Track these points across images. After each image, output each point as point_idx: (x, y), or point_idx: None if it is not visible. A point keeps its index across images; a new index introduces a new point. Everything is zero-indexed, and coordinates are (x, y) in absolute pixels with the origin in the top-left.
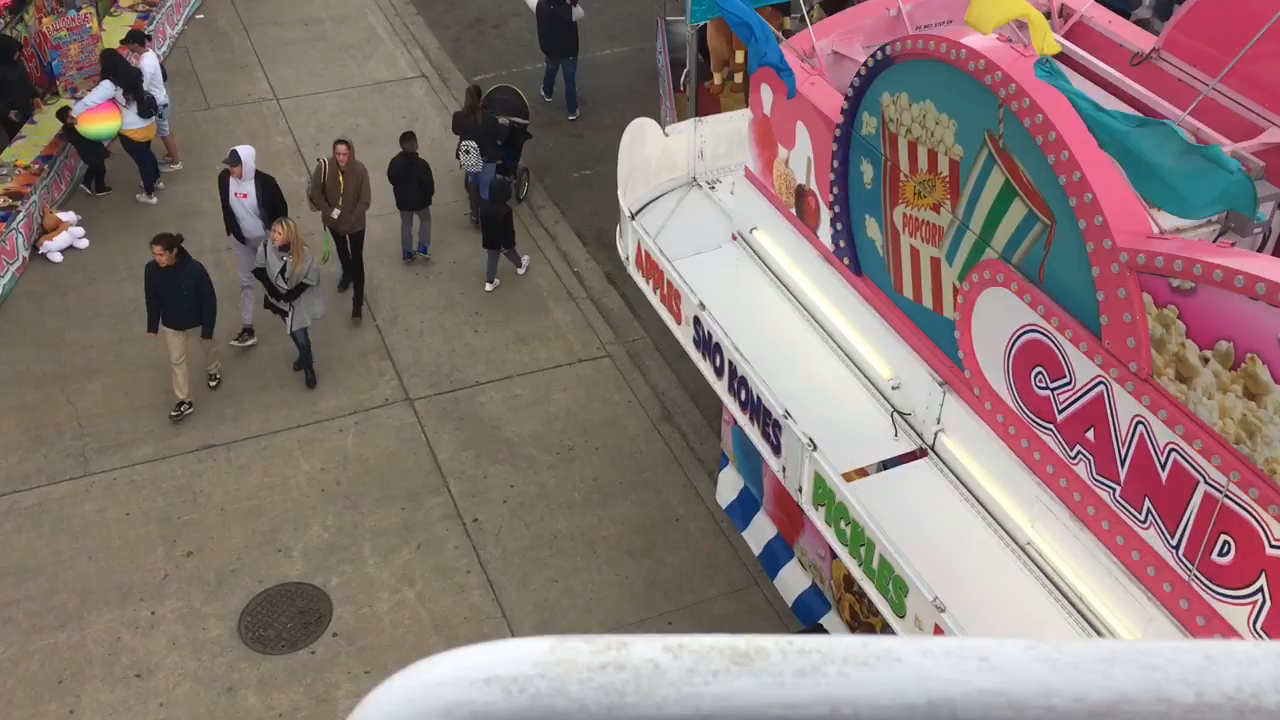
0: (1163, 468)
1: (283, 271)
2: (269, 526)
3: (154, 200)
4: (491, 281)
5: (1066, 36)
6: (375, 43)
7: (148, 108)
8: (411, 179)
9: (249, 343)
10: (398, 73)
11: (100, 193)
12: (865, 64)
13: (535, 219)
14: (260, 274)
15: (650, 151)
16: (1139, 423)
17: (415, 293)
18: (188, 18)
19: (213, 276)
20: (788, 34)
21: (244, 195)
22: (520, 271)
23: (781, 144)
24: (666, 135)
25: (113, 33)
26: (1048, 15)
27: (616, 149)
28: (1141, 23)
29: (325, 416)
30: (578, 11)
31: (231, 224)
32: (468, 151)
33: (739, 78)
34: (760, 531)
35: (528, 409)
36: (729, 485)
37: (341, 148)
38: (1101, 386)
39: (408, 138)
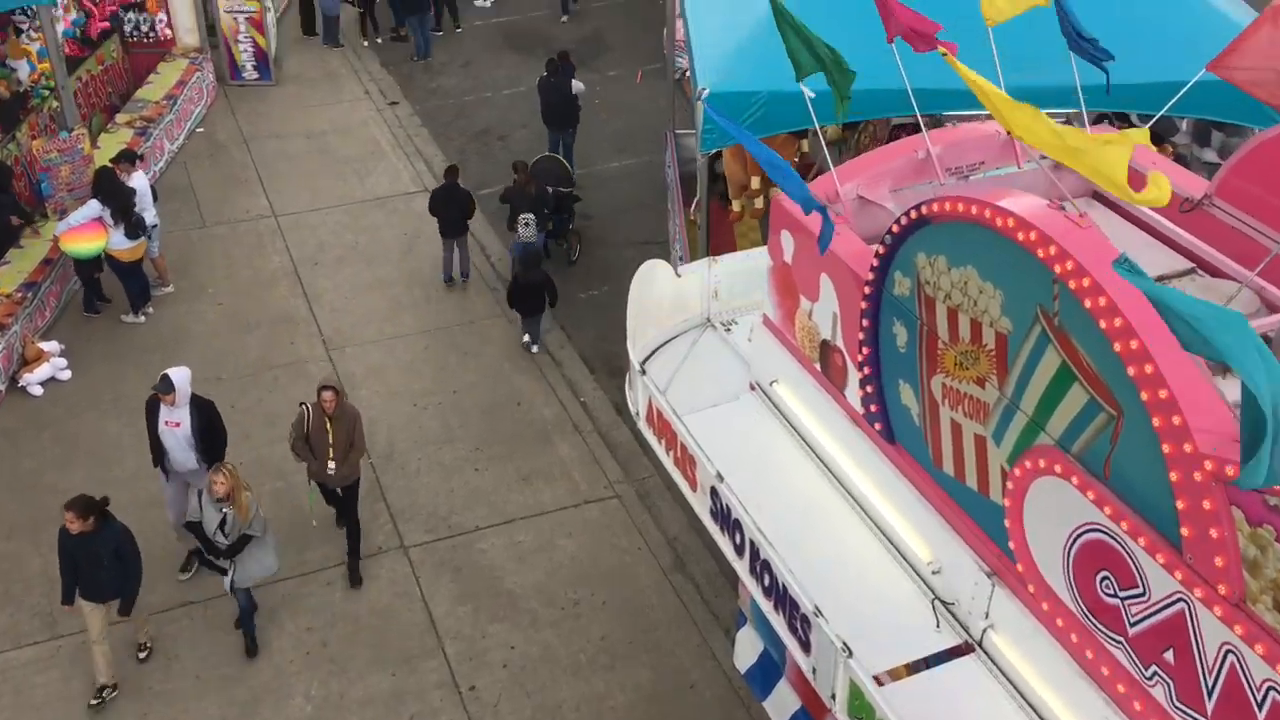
0: (1260, 707)
1: (222, 525)
2: (248, 697)
3: (141, 320)
4: (536, 344)
5: None
6: (378, 156)
7: (136, 228)
8: (454, 208)
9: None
10: (400, 187)
11: (94, 313)
12: (899, 221)
13: (540, 343)
14: (194, 528)
15: (661, 293)
16: (1229, 651)
17: (413, 425)
18: (189, 131)
19: None
20: (804, 156)
21: (176, 424)
22: (534, 349)
23: (804, 295)
24: (679, 276)
25: (108, 149)
26: None
27: (625, 266)
28: (1181, 159)
29: (313, 568)
30: (577, 85)
31: (159, 455)
32: (526, 224)
33: (759, 203)
34: (783, 702)
35: (531, 557)
36: (748, 647)
37: (328, 394)
38: (1182, 604)
39: (451, 171)
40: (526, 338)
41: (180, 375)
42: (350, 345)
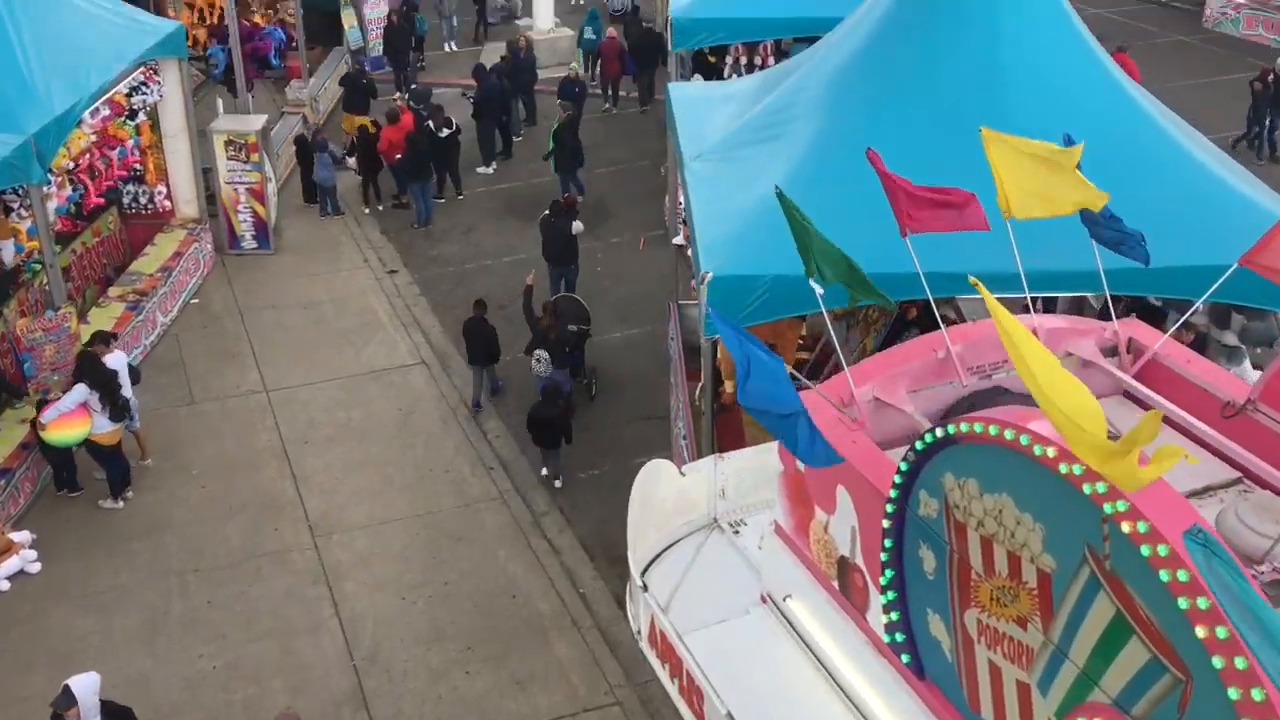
0: None
1: None
2: None
3: (120, 505)
4: (559, 479)
5: (1137, 377)
6: (375, 327)
7: (121, 412)
8: (480, 340)
9: None
10: (397, 359)
11: (72, 492)
12: (923, 439)
13: (537, 527)
14: None
15: (665, 494)
16: None
17: (400, 621)
18: (183, 303)
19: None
20: (804, 340)
21: None
22: (557, 484)
23: (819, 506)
24: (683, 475)
25: (98, 323)
26: (1112, 351)
27: (627, 444)
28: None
29: None
30: (577, 226)
31: None
32: (539, 360)
33: None
34: None
35: None
36: None
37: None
38: None
39: (479, 304)
40: (545, 471)
41: (83, 685)
42: (337, 531)
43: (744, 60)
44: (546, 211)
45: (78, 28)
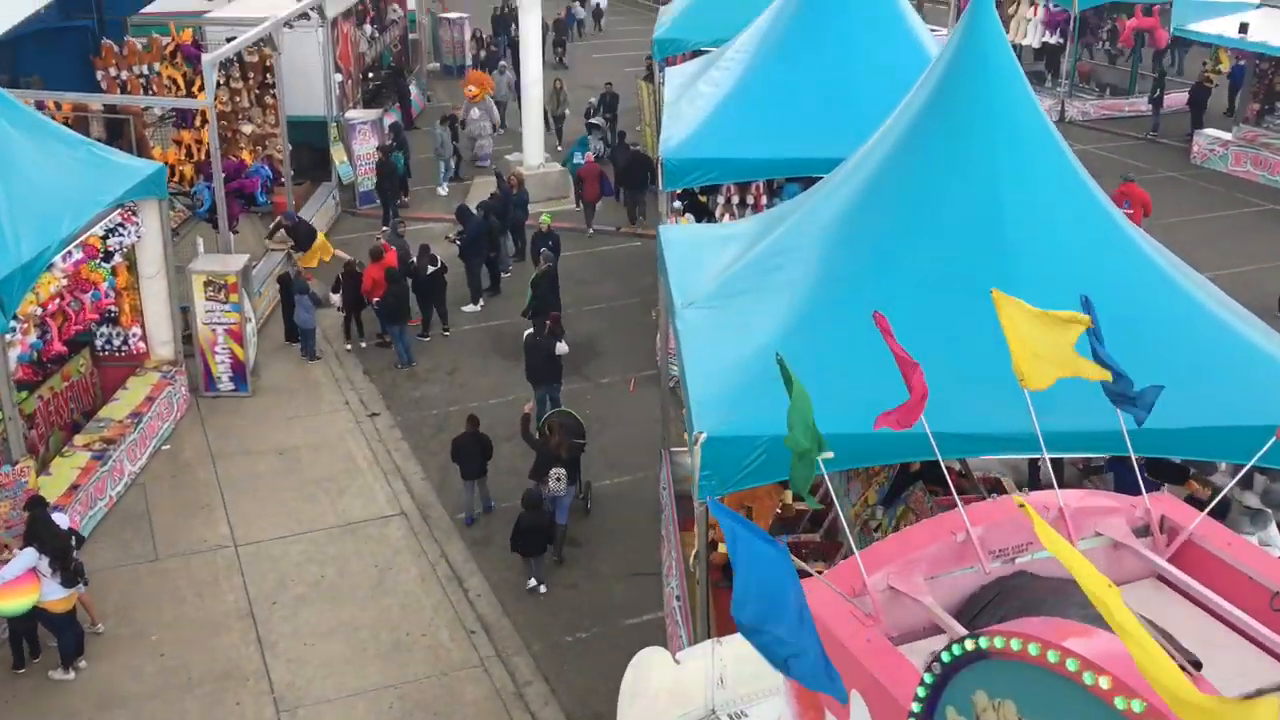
0: None
1: None
2: None
3: (71, 676)
4: (543, 584)
5: (1173, 560)
6: (353, 473)
7: (74, 576)
8: (476, 452)
9: None
10: (374, 510)
11: (18, 668)
12: (950, 650)
13: (520, 699)
14: None
15: (658, 684)
16: None
17: None
18: (152, 450)
19: None
20: (786, 508)
21: None
22: (542, 590)
23: (831, 712)
24: (678, 663)
25: (60, 475)
26: (1145, 530)
27: (615, 604)
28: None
29: None
30: (561, 346)
31: None
32: (559, 479)
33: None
34: None
35: None
36: None
37: None
38: None
39: (472, 420)
40: (533, 581)
41: None
42: (304, 705)
43: (736, 199)
44: (529, 330)
45: (52, 171)
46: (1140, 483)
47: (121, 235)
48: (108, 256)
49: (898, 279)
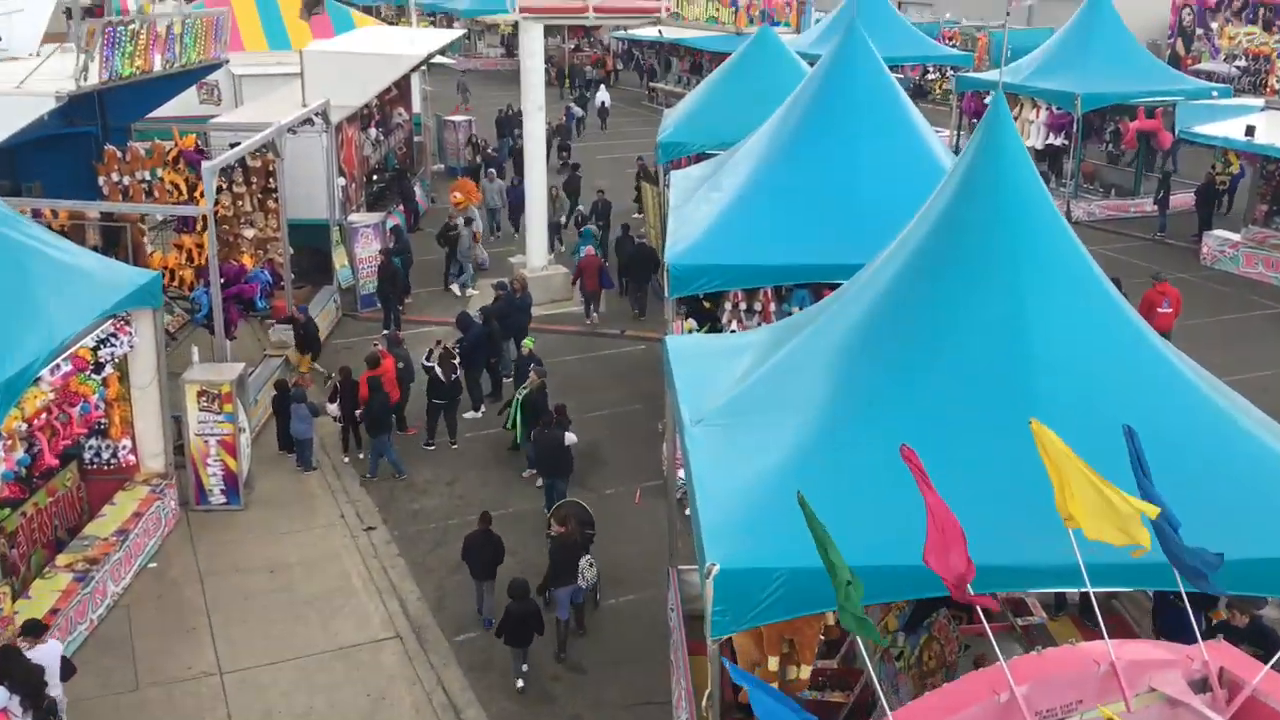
0: None
1: None
2: None
3: None
4: (521, 679)
5: (1235, 719)
6: (347, 593)
7: (46, 716)
8: (488, 552)
9: None
10: (368, 633)
11: None
12: None
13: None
14: None
15: None
16: None
17: None
18: (138, 569)
19: None
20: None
21: None
22: (519, 685)
23: None
24: None
25: (40, 599)
26: (1203, 684)
27: None
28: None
29: None
30: (570, 437)
31: None
32: (591, 564)
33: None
34: None
35: None
36: None
37: None
38: None
39: (484, 518)
40: (521, 683)
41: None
42: None
43: (743, 305)
44: (539, 425)
45: (41, 282)
46: (1194, 627)
47: (113, 346)
48: (98, 368)
49: (919, 396)
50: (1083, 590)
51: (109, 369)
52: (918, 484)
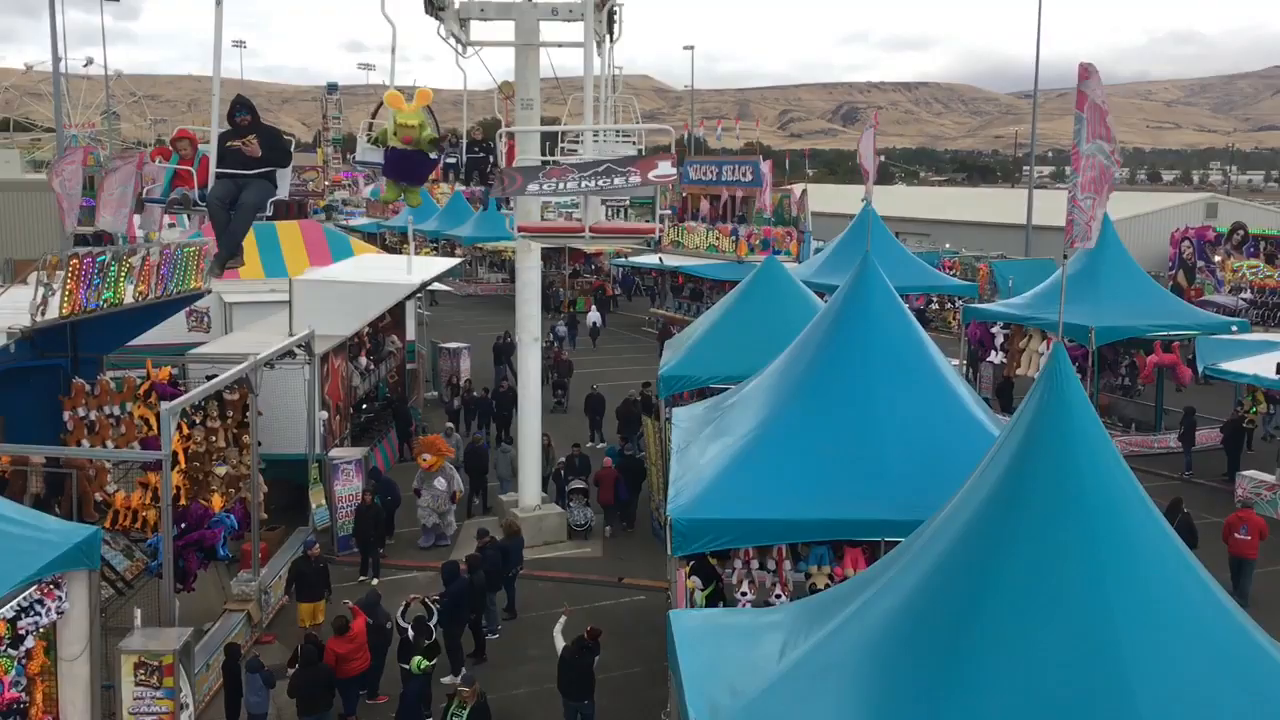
0: None
1: None
2: None
3: None
4: None
5: None
6: None
7: None
8: None
9: None
10: None
11: None
12: None
13: None
14: None
15: None
16: None
17: None
18: None
19: None
20: None
21: None
22: None
23: None
24: None
25: None
26: None
27: None
28: None
29: None
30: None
31: None
32: None
33: None
34: None
35: None
36: None
37: None
38: None
39: None
40: None
41: None
42: None
43: (755, 563)
44: (566, 644)
45: None
46: None
47: (37, 615)
48: (16, 642)
49: (977, 699)
50: None
51: (30, 641)
52: None
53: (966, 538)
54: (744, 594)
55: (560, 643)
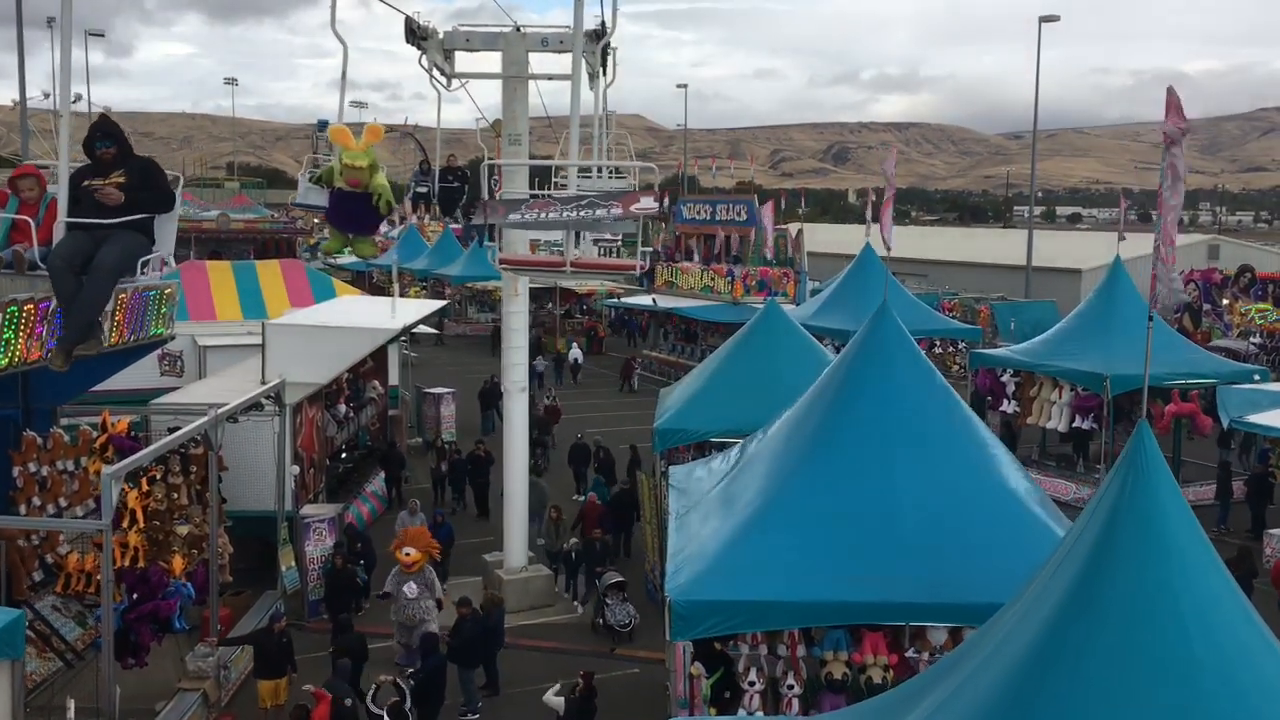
0: None
1: None
2: None
3: None
4: None
5: None
6: None
7: None
8: None
9: None
10: None
11: None
12: None
13: None
14: None
15: None
16: None
17: None
18: None
19: None
20: None
21: None
22: None
23: None
24: None
25: None
26: None
27: None
28: None
29: None
30: None
31: None
32: None
33: None
34: None
35: None
36: None
37: None
38: None
39: None
40: None
41: None
42: None
43: (764, 649)
44: (566, 696)
45: None
46: None
47: None
48: None
49: None
50: None
51: None
52: None
53: (1035, 643)
54: (752, 683)
55: (557, 703)
